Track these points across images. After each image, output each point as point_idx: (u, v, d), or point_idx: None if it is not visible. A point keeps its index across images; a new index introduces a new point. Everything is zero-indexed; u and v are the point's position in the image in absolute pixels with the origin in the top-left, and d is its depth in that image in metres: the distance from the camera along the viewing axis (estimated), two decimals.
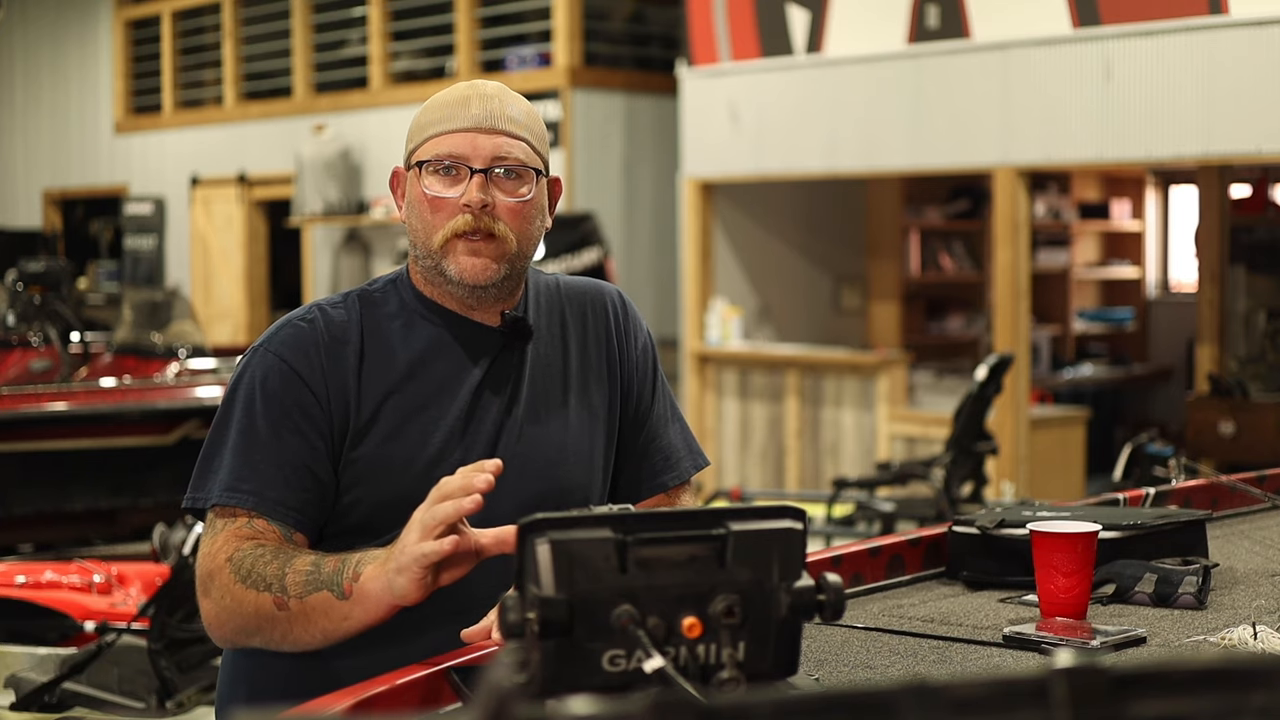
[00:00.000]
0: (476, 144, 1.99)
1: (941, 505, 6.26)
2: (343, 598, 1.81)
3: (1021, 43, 7.18)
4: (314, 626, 1.84)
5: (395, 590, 1.76)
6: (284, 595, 1.84)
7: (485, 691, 0.85)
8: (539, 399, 2.08)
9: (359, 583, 1.80)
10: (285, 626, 1.85)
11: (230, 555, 1.89)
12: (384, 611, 1.80)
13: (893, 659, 1.84)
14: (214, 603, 1.90)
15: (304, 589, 1.83)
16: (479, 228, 1.98)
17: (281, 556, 1.87)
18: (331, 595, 1.81)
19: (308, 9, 11.36)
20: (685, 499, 2.23)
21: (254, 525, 1.93)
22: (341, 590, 1.81)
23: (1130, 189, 10.37)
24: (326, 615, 1.82)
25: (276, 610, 1.84)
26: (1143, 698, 0.88)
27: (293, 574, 1.84)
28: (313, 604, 1.82)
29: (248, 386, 1.98)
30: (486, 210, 1.98)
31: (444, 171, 2.00)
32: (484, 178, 1.99)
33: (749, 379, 8.66)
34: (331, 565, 1.84)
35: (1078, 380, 9.76)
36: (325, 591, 1.82)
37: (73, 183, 14.06)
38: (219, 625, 1.91)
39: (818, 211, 9.37)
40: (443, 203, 1.99)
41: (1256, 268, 8.24)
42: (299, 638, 1.86)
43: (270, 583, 1.85)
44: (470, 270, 1.99)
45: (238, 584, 1.86)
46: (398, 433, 1.98)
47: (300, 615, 1.83)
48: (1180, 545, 2.25)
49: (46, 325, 7.90)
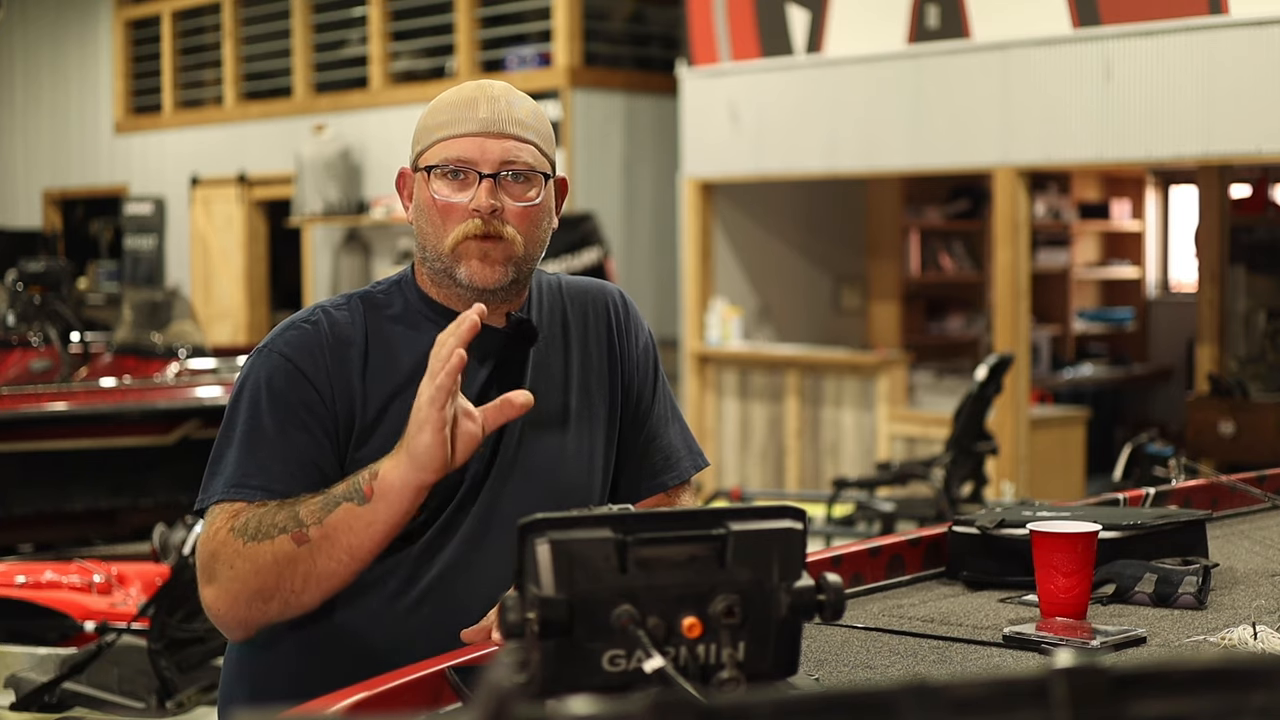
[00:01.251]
0: (485, 148, 1.99)
1: (941, 505, 6.26)
2: (364, 502, 1.82)
3: (1021, 43, 7.18)
4: (338, 548, 1.84)
5: (418, 455, 1.79)
6: (301, 528, 1.84)
7: (485, 691, 0.85)
8: (540, 399, 2.07)
9: (379, 478, 1.82)
10: (308, 562, 1.84)
11: (231, 527, 1.89)
12: (410, 500, 1.82)
13: (893, 659, 1.84)
14: (220, 581, 1.88)
15: (321, 513, 1.84)
16: (489, 232, 1.99)
17: (288, 504, 1.88)
18: (353, 504, 1.83)
19: (308, 9, 11.36)
20: (685, 499, 2.23)
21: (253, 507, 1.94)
22: (362, 495, 1.83)
23: (1130, 189, 10.36)
24: (350, 528, 1.83)
25: (296, 547, 1.84)
26: (1143, 698, 0.88)
27: (305, 508, 1.86)
28: (334, 522, 1.83)
29: (253, 387, 1.99)
30: (496, 215, 1.99)
31: (452, 176, 2.00)
32: (493, 182, 1.99)
33: (749, 379, 8.66)
34: (343, 484, 1.86)
35: (1078, 380, 9.76)
36: (345, 504, 1.83)
37: (73, 183, 14.05)
38: (230, 602, 1.89)
39: (818, 211, 9.37)
40: (452, 207, 1.99)
41: (1256, 268, 8.24)
42: (324, 569, 1.85)
43: (284, 525, 1.85)
44: (480, 275, 2.00)
45: (248, 544, 1.86)
46: (400, 434, 1.98)
47: (322, 540, 1.84)
48: (1180, 545, 2.25)
49: (46, 325, 7.90)
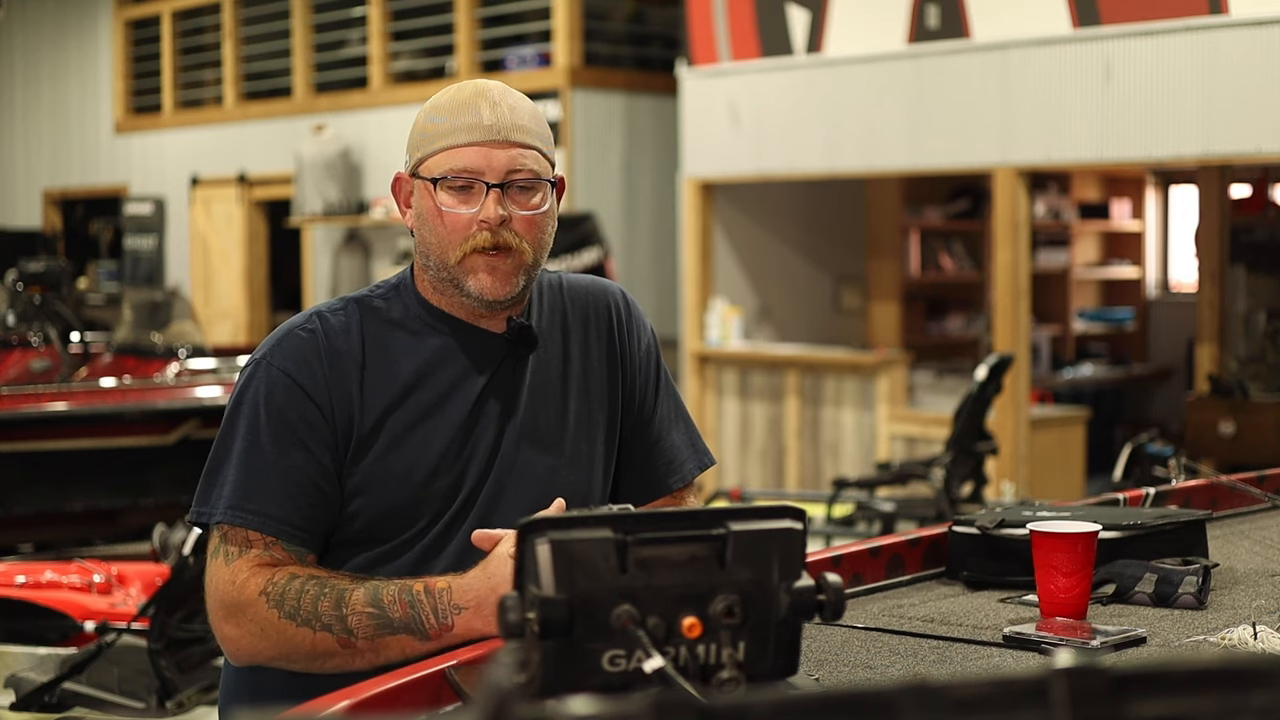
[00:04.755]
0: (491, 158, 1.97)
1: (941, 505, 6.26)
2: (426, 640, 1.83)
3: (1021, 43, 7.18)
4: (382, 658, 1.85)
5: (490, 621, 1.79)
6: (349, 636, 1.85)
7: (485, 691, 0.85)
8: (539, 404, 2.07)
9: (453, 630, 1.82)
10: (345, 659, 1.87)
11: (264, 589, 1.88)
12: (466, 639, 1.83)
13: (893, 659, 1.83)
14: (248, 633, 1.90)
15: (374, 630, 1.85)
16: (498, 244, 1.97)
17: (329, 591, 1.87)
18: (413, 638, 1.84)
19: (308, 9, 11.36)
20: (689, 501, 2.22)
21: (271, 554, 1.93)
22: (426, 634, 1.83)
23: (1130, 189, 10.36)
24: (403, 651, 1.84)
25: (340, 648, 1.86)
26: (1143, 698, 0.88)
27: (353, 613, 1.85)
28: (388, 643, 1.84)
29: (251, 401, 1.97)
30: (504, 225, 1.97)
31: (458, 188, 1.98)
32: (500, 192, 1.97)
33: (749, 379, 8.66)
34: (401, 610, 1.84)
35: (1078, 380, 9.75)
36: (404, 635, 1.84)
37: (73, 183, 14.05)
38: (252, 652, 1.91)
39: (818, 211, 9.37)
40: (458, 219, 1.98)
41: (1256, 268, 8.24)
42: (358, 667, 1.87)
43: (329, 624, 1.85)
44: (490, 287, 1.99)
45: (284, 620, 1.87)
46: (399, 443, 1.98)
47: (369, 653, 1.85)
48: (1180, 545, 2.25)
49: (46, 325, 7.89)
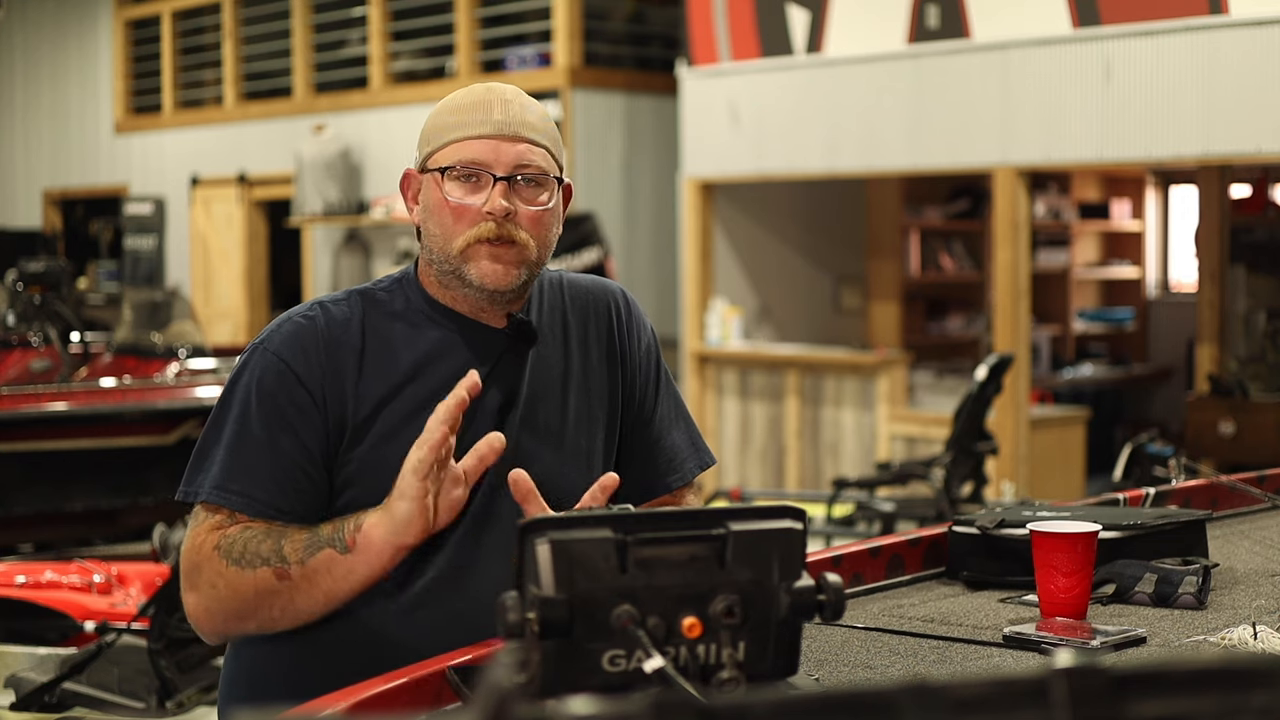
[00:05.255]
0: (499, 151, 1.99)
1: (941, 505, 6.26)
2: (345, 551, 1.87)
3: (1021, 43, 7.18)
4: (317, 589, 1.88)
5: (398, 520, 1.84)
6: (284, 564, 1.88)
7: (485, 691, 0.85)
8: (538, 401, 2.07)
9: (362, 531, 1.87)
10: (287, 597, 1.89)
11: (217, 544, 1.92)
12: (388, 558, 1.87)
13: (893, 659, 1.84)
14: (202, 594, 1.93)
15: (304, 553, 1.88)
16: (502, 235, 1.99)
17: (274, 533, 1.92)
18: (334, 551, 1.87)
19: (308, 9, 11.36)
20: (689, 500, 2.22)
21: (236, 519, 1.95)
22: (344, 544, 1.87)
23: (1130, 189, 10.36)
24: (330, 573, 1.88)
25: (277, 581, 1.88)
26: (1143, 698, 0.88)
27: (290, 544, 1.89)
28: (315, 565, 1.88)
29: (245, 384, 1.99)
30: (509, 217, 1.99)
31: (465, 178, 2.00)
32: (506, 185, 1.99)
33: (749, 379, 8.66)
34: (330, 527, 1.90)
35: (1078, 380, 9.76)
36: (327, 549, 1.88)
37: (73, 183, 14.05)
38: (208, 616, 1.94)
39: (818, 211, 9.37)
40: (464, 209, 1.99)
41: (1256, 268, 8.24)
42: (300, 606, 1.90)
43: (267, 557, 1.89)
44: (492, 276, 2.00)
45: (231, 567, 1.90)
46: (394, 434, 1.98)
47: (303, 580, 1.88)
48: (1180, 545, 2.25)
49: (46, 325, 7.90)
